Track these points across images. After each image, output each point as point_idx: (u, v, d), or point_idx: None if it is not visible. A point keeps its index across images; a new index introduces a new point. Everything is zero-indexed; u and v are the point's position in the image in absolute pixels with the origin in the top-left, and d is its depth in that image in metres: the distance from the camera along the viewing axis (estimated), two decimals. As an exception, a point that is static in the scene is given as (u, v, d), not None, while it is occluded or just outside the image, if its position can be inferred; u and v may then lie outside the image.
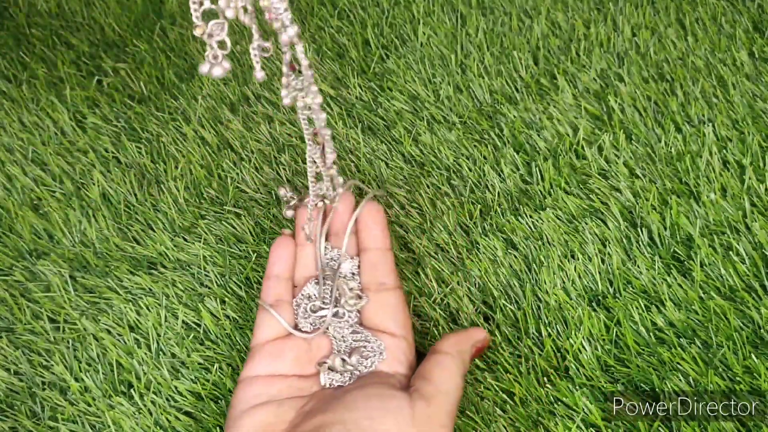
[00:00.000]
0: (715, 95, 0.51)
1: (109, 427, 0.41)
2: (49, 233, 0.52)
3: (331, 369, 0.40)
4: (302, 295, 0.42)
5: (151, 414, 0.41)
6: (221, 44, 0.36)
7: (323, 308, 0.41)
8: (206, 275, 0.48)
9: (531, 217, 0.46)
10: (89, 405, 0.42)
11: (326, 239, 0.43)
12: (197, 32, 0.36)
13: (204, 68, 0.36)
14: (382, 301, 0.41)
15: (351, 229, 0.43)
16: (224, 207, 0.51)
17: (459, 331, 0.41)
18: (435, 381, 0.37)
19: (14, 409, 0.43)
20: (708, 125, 0.49)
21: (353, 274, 0.42)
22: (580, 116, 0.52)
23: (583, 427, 0.37)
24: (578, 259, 0.44)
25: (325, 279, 0.42)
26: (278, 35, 0.36)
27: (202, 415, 0.41)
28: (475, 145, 0.52)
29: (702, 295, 0.41)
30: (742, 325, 0.39)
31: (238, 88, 0.60)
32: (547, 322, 0.42)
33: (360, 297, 0.41)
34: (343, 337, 0.41)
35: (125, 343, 0.44)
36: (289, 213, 0.44)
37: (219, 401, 0.42)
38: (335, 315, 0.41)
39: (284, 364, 0.40)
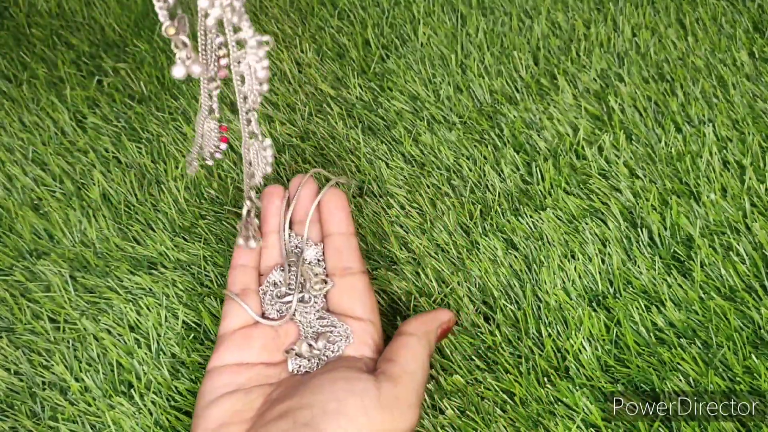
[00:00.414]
0: (715, 95, 0.51)
1: (109, 427, 0.41)
2: (49, 233, 0.52)
3: (298, 355, 0.40)
4: (268, 282, 0.42)
5: (151, 414, 0.41)
6: (184, 43, 0.36)
7: (289, 294, 0.41)
8: (206, 275, 0.48)
9: (531, 217, 0.46)
10: (89, 405, 0.42)
11: (290, 227, 0.44)
12: (170, 32, 0.35)
13: (178, 71, 0.36)
14: (347, 286, 0.41)
15: (312, 214, 0.43)
16: (224, 207, 0.51)
17: (424, 313, 0.41)
18: (401, 362, 0.37)
19: (14, 409, 0.43)
20: (708, 125, 0.49)
21: (318, 260, 0.43)
22: (581, 116, 0.52)
23: (583, 428, 0.37)
24: (578, 260, 0.44)
25: (291, 266, 0.42)
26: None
27: (203, 415, 0.41)
28: (475, 145, 0.52)
29: (702, 295, 0.41)
30: (742, 325, 0.39)
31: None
32: (547, 322, 0.42)
33: (325, 282, 0.42)
34: (309, 322, 0.41)
35: (125, 343, 0.44)
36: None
37: (219, 401, 0.42)
38: (301, 300, 0.41)
39: (252, 353, 0.40)
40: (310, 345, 0.40)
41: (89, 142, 0.57)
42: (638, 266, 0.43)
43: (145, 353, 0.44)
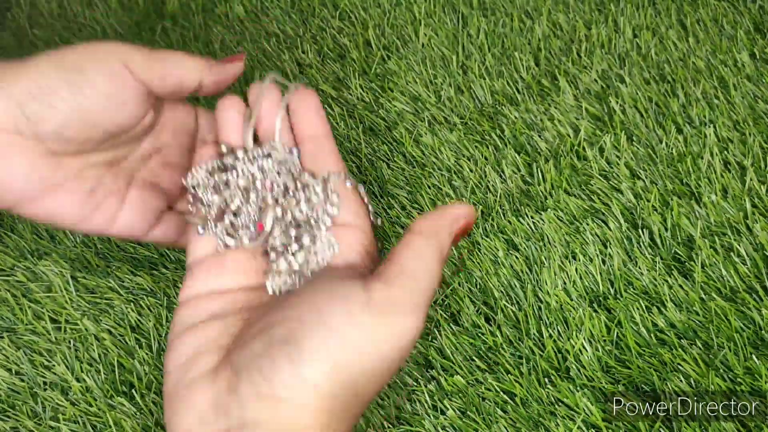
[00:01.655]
0: (716, 96, 0.51)
1: (110, 427, 0.41)
2: (50, 233, 0.52)
3: (278, 273, 0.35)
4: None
5: (152, 414, 0.41)
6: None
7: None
8: (207, 276, 0.48)
9: (532, 217, 0.46)
10: (90, 405, 0.42)
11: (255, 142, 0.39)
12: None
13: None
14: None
15: (281, 119, 0.38)
16: (225, 207, 0.51)
17: (436, 209, 0.35)
18: (400, 261, 0.32)
19: (16, 409, 0.43)
20: (709, 126, 0.49)
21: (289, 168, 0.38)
22: (581, 117, 0.52)
23: (583, 428, 0.37)
24: (579, 260, 0.44)
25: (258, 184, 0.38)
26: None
27: (203, 415, 0.41)
28: (476, 146, 0.52)
29: (703, 296, 0.41)
30: (743, 326, 0.39)
31: (239, 88, 0.60)
32: (548, 323, 0.42)
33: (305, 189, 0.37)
34: (289, 236, 0.36)
35: (126, 343, 0.45)
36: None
37: (220, 401, 0.42)
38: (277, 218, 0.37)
39: (227, 278, 0.35)
40: (289, 261, 0.35)
41: (91, 143, 0.57)
42: (639, 267, 0.43)
43: (146, 353, 0.44)
